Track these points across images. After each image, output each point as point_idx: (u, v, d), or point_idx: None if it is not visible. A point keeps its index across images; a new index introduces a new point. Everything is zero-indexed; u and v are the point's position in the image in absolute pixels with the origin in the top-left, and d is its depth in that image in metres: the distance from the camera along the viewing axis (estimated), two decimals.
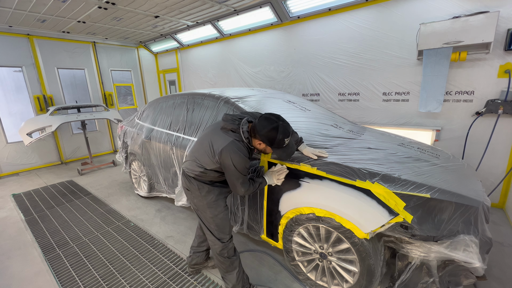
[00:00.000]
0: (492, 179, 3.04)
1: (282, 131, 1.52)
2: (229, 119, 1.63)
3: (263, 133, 1.53)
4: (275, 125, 1.52)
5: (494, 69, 2.84)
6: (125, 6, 3.99)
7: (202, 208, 1.78)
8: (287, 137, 1.54)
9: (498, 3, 2.70)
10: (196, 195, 1.77)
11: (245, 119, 1.64)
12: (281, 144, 1.55)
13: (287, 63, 4.59)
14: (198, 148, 1.73)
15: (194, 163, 1.72)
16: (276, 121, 1.53)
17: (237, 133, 1.60)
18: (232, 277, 1.83)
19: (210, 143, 1.63)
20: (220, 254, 1.80)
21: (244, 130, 1.59)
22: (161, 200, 3.66)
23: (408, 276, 1.55)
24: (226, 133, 1.60)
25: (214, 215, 1.76)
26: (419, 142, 2.42)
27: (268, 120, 1.55)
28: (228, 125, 1.61)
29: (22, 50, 5.07)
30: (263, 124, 1.54)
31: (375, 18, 3.50)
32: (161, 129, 3.06)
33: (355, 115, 3.96)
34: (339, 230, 1.65)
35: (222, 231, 1.79)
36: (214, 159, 1.61)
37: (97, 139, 6.44)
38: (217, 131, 1.65)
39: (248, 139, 1.61)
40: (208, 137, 1.68)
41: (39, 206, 3.64)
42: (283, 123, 1.55)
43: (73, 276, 2.21)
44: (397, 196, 1.48)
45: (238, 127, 1.60)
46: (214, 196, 1.75)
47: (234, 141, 1.56)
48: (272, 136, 1.52)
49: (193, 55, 6.33)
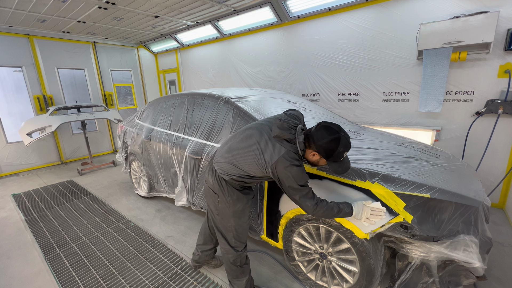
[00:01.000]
0: (492, 179, 3.04)
1: (344, 143, 1.36)
2: (286, 128, 1.44)
3: (321, 143, 1.37)
4: (336, 136, 1.36)
5: (494, 69, 2.84)
6: (125, 6, 3.99)
7: (225, 215, 1.66)
8: (347, 151, 1.40)
9: (498, 3, 2.70)
10: (223, 201, 1.63)
11: (299, 127, 1.49)
12: (338, 158, 1.39)
13: (287, 63, 4.59)
14: (241, 153, 1.54)
15: (235, 167, 1.55)
16: (337, 131, 1.38)
17: (293, 144, 1.44)
18: (240, 283, 1.79)
19: (260, 152, 1.46)
20: (233, 263, 1.74)
21: (301, 141, 1.44)
22: (161, 200, 3.66)
23: (408, 276, 1.55)
24: (280, 143, 1.43)
25: (238, 224, 1.67)
26: (419, 142, 2.42)
27: (329, 130, 1.39)
28: (285, 134, 1.43)
29: (22, 50, 5.07)
30: (322, 133, 1.38)
31: (375, 18, 3.50)
32: (161, 129, 3.06)
33: (355, 115, 3.96)
34: (339, 230, 1.65)
35: (240, 240, 1.72)
36: (265, 170, 1.46)
37: (97, 139, 6.44)
38: (267, 139, 1.47)
39: (303, 151, 1.46)
40: (255, 143, 1.50)
41: (39, 206, 3.63)
42: (345, 135, 1.39)
43: (73, 276, 2.21)
44: (397, 196, 1.48)
45: (295, 137, 1.44)
46: (242, 205, 1.65)
47: (289, 152, 1.40)
48: (332, 148, 1.36)
49: (193, 55, 6.33)
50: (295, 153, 1.43)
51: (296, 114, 1.63)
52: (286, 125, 1.45)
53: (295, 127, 1.48)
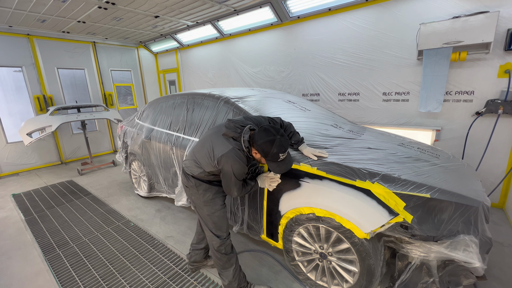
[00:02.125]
0: (492, 179, 3.04)
1: (278, 145, 1.50)
2: (232, 127, 1.62)
3: (259, 143, 1.52)
4: (271, 138, 1.50)
5: (494, 69, 2.84)
6: (125, 6, 3.99)
7: (199, 205, 1.82)
8: (282, 153, 1.52)
9: (498, 3, 2.70)
10: (193, 193, 1.80)
11: (248, 127, 1.63)
12: (275, 158, 1.53)
13: (287, 63, 4.59)
14: (199, 150, 1.74)
15: (194, 163, 1.75)
16: (274, 134, 1.51)
17: (238, 142, 1.60)
18: (228, 274, 1.85)
19: (211, 147, 1.64)
20: (217, 250, 1.82)
21: (245, 139, 1.59)
22: (161, 200, 3.66)
23: (408, 276, 1.55)
24: (227, 140, 1.60)
25: (211, 212, 1.79)
26: (419, 142, 2.42)
27: (267, 132, 1.53)
28: (230, 132, 1.61)
29: (22, 50, 5.07)
30: (261, 135, 1.53)
31: (375, 18, 3.50)
32: (161, 129, 3.06)
33: (355, 115, 3.96)
34: (339, 230, 1.65)
35: (220, 228, 1.82)
36: (213, 163, 1.63)
37: (97, 139, 6.44)
38: (219, 136, 1.64)
39: (248, 148, 1.61)
40: (209, 141, 1.68)
41: (39, 206, 3.63)
42: (281, 138, 1.52)
43: (73, 276, 2.21)
44: (397, 196, 1.48)
45: (240, 135, 1.60)
46: (211, 195, 1.78)
47: (234, 149, 1.57)
48: (267, 149, 1.51)
49: (193, 55, 6.33)
50: (240, 150, 1.59)
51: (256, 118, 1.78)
52: (233, 125, 1.63)
53: (243, 127, 1.63)
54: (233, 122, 1.65)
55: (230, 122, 1.66)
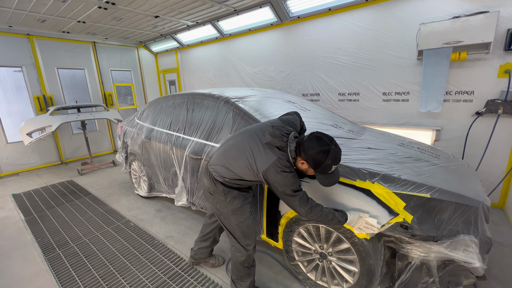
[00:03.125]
0: (492, 179, 3.03)
1: (333, 156, 1.35)
2: (278, 135, 1.45)
3: (311, 153, 1.37)
4: (326, 148, 1.35)
5: (494, 69, 2.84)
6: (125, 6, 3.99)
7: (226, 214, 1.68)
8: (335, 164, 1.38)
9: (498, 3, 2.70)
10: (220, 200, 1.66)
11: (292, 135, 1.48)
12: (326, 170, 1.38)
13: (287, 63, 4.59)
14: (234, 157, 1.57)
15: (228, 171, 1.59)
16: (328, 143, 1.37)
17: (284, 151, 1.44)
18: (244, 284, 1.82)
19: (252, 157, 1.48)
20: (241, 264, 1.75)
21: (292, 149, 1.44)
22: (161, 200, 3.66)
23: (408, 276, 1.55)
24: (271, 150, 1.44)
25: (239, 222, 1.68)
26: (419, 142, 2.42)
27: (320, 141, 1.38)
28: (276, 141, 1.43)
29: (22, 50, 5.07)
30: (313, 144, 1.38)
31: (375, 18, 3.50)
32: (161, 129, 3.06)
33: (355, 115, 3.96)
34: (339, 230, 1.65)
35: (248, 237, 1.72)
36: (257, 175, 1.48)
37: (97, 139, 6.44)
38: (260, 145, 1.48)
39: (294, 160, 1.46)
40: (248, 149, 1.52)
41: (39, 206, 3.63)
42: (335, 148, 1.38)
43: (73, 276, 2.21)
44: (397, 196, 1.48)
45: (286, 144, 1.44)
46: (239, 202, 1.66)
47: (280, 159, 1.41)
48: (320, 159, 1.35)
49: (193, 55, 6.33)
50: (287, 160, 1.44)
51: (292, 120, 1.63)
52: (278, 133, 1.46)
53: (288, 134, 1.48)
54: (279, 130, 1.47)
55: (275, 129, 1.47)
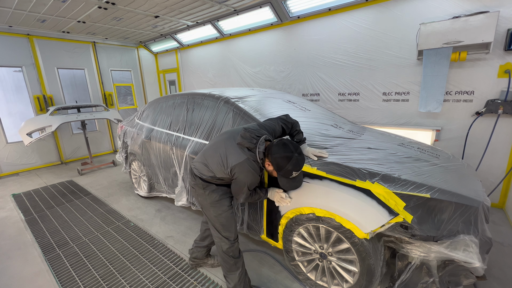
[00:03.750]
0: (492, 179, 3.03)
1: (294, 163, 1.49)
2: (247, 137, 1.58)
3: (275, 157, 1.51)
4: (289, 154, 1.49)
5: (494, 69, 2.84)
6: (125, 6, 3.99)
7: (206, 207, 1.80)
8: (296, 171, 1.52)
9: (498, 3, 2.70)
10: (200, 193, 1.79)
11: (263, 138, 1.60)
12: (288, 175, 1.53)
13: (287, 63, 4.59)
14: (211, 154, 1.70)
15: (205, 167, 1.72)
16: (292, 151, 1.50)
17: (253, 152, 1.58)
18: (234, 277, 1.84)
19: (225, 155, 1.62)
20: (225, 253, 1.81)
21: (260, 151, 1.57)
22: (161, 200, 3.66)
23: (408, 276, 1.55)
24: (242, 150, 1.58)
25: (217, 214, 1.77)
26: (419, 142, 2.42)
27: (285, 147, 1.52)
28: (246, 142, 1.57)
29: (22, 50, 5.06)
30: (278, 149, 1.52)
31: (375, 18, 3.50)
32: (161, 129, 3.06)
33: (355, 115, 3.96)
34: (339, 230, 1.65)
35: (228, 229, 1.80)
36: (226, 170, 1.62)
37: (97, 139, 6.44)
38: (233, 145, 1.62)
39: (262, 160, 1.59)
40: (223, 147, 1.65)
41: (39, 206, 3.63)
42: (298, 156, 1.51)
43: (73, 276, 2.21)
44: (397, 196, 1.48)
45: (255, 146, 1.57)
46: (217, 196, 1.76)
47: (248, 159, 1.55)
48: (282, 164, 1.49)
49: (193, 55, 6.33)
50: (254, 161, 1.58)
51: (270, 125, 1.75)
52: (249, 135, 1.59)
53: (259, 137, 1.60)
54: (249, 132, 1.61)
55: (246, 131, 1.61)
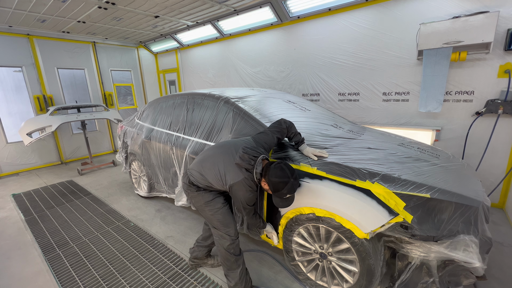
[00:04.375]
0: (492, 179, 3.03)
1: (289, 188, 1.56)
2: (246, 159, 1.63)
3: (272, 180, 1.57)
4: (285, 180, 1.55)
5: (494, 69, 2.84)
6: (125, 6, 3.99)
7: (201, 207, 1.84)
8: (290, 194, 1.60)
9: (498, 3, 2.70)
10: (194, 195, 1.84)
11: (261, 158, 1.65)
12: (281, 196, 1.61)
13: (287, 63, 4.59)
14: (209, 167, 1.74)
15: (202, 177, 1.77)
16: (289, 176, 1.56)
17: (250, 173, 1.64)
18: (235, 275, 1.85)
19: (223, 171, 1.67)
20: (227, 250, 1.82)
21: (257, 171, 1.62)
22: (161, 200, 3.66)
23: (408, 276, 1.55)
24: (240, 170, 1.64)
25: (213, 212, 1.81)
26: (419, 142, 2.42)
27: (283, 171, 1.57)
28: (244, 164, 1.63)
29: (22, 50, 5.07)
30: (276, 173, 1.57)
31: (375, 18, 3.50)
32: (161, 129, 3.06)
33: (355, 115, 3.96)
34: (339, 230, 1.65)
35: (226, 225, 1.83)
36: (224, 186, 1.69)
37: (97, 139, 6.44)
38: (231, 163, 1.66)
39: (259, 180, 1.65)
40: (222, 163, 1.70)
41: (39, 206, 3.63)
42: (294, 181, 1.57)
43: (73, 276, 2.21)
44: (397, 196, 1.48)
45: (253, 167, 1.63)
46: (211, 195, 1.82)
47: (246, 179, 1.62)
48: (279, 188, 1.56)
49: (193, 55, 6.33)
50: (252, 180, 1.64)
51: (266, 140, 1.81)
52: (247, 157, 1.64)
53: (256, 157, 1.65)
54: (247, 154, 1.65)
55: (245, 153, 1.65)
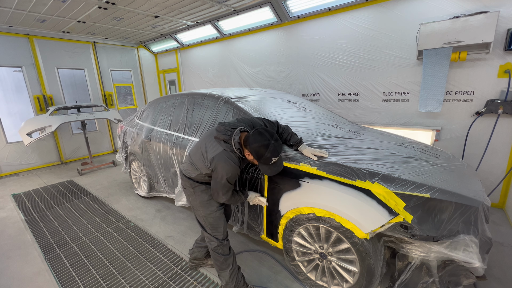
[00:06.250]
0: (492, 179, 3.03)
1: (272, 150, 1.53)
2: (222, 130, 1.66)
3: (253, 146, 1.55)
4: (266, 142, 1.52)
5: (494, 69, 2.84)
6: (125, 6, 3.99)
7: (196, 206, 1.86)
8: (275, 157, 1.56)
9: (498, 3, 2.70)
10: (190, 193, 1.85)
11: (238, 129, 1.66)
12: (267, 162, 1.57)
13: (287, 63, 4.59)
14: (195, 152, 1.79)
15: (191, 165, 1.79)
16: (268, 138, 1.53)
17: (229, 144, 1.64)
18: (225, 274, 1.88)
19: (205, 149, 1.69)
20: (214, 250, 1.86)
21: (235, 141, 1.62)
22: (161, 200, 3.66)
23: (408, 276, 1.55)
24: (219, 143, 1.65)
25: (206, 214, 1.83)
26: (419, 142, 2.42)
27: (261, 135, 1.55)
28: (220, 135, 1.65)
29: (22, 50, 5.06)
30: (255, 138, 1.55)
31: (375, 18, 3.50)
32: (161, 129, 3.06)
33: (355, 115, 3.96)
34: (339, 230, 1.65)
35: (216, 229, 1.85)
36: (206, 164, 1.68)
37: (97, 139, 6.44)
38: (211, 139, 1.69)
39: (239, 150, 1.63)
40: (203, 143, 1.74)
41: (39, 206, 3.63)
42: (275, 143, 1.54)
43: (73, 276, 2.21)
44: (397, 196, 1.48)
45: (230, 137, 1.63)
46: (207, 196, 1.81)
47: (225, 151, 1.62)
48: (261, 152, 1.53)
49: (193, 55, 6.33)
50: (231, 152, 1.63)
51: (250, 120, 1.81)
52: (223, 128, 1.67)
53: (234, 129, 1.66)
54: (224, 125, 1.70)
55: (220, 125, 1.71)
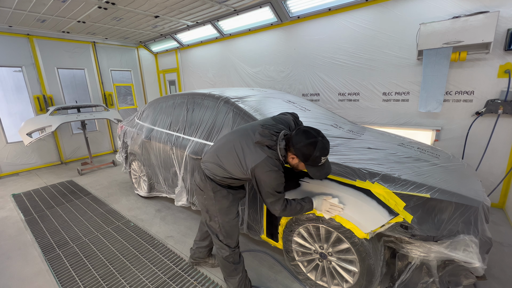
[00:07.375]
0: (492, 179, 3.03)
1: (321, 147, 1.37)
2: (267, 134, 1.48)
3: (299, 147, 1.40)
4: (313, 140, 1.38)
5: (494, 69, 2.84)
6: (125, 6, 3.99)
7: (212, 212, 1.70)
8: (324, 156, 1.40)
9: (498, 3, 2.70)
10: (209, 197, 1.67)
11: (282, 133, 1.50)
12: (316, 162, 1.40)
13: (287, 63, 4.59)
14: (225, 155, 1.59)
15: (219, 168, 1.61)
16: (315, 136, 1.40)
17: (273, 150, 1.47)
18: (234, 281, 1.82)
19: (242, 155, 1.51)
20: (225, 259, 1.76)
21: (281, 147, 1.46)
22: (161, 200, 3.66)
23: (408, 276, 1.55)
24: (261, 148, 1.46)
25: (224, 221, 1.70)
26: (419, 142, 2.42)
27: (307, 134, 1.41)
28: (266, 140, 1.46)
29: (22, 50, 5.06)
30: (300, 137, 1.41)
31: (375, 18, 3.50)
32: (161, 129, 3.06)
33: (355, 115, 3.96)
34: (339, 230, 1.65)
35: (230, 237, 1.74)
36: (245, 172, 1.51)
37: (97, 139, 6.44)
38: (250, 144, 1.50)
39: (284, 157, 1.48)
40: (238, 147, 1.54)
41: (39, 206, 3.63)
42: (323, 139, 1.40)
43: (73, 276, 2.21)
44: (397, 196, 1.48)
45: (276, 143, 1.47)
46: (227, 202, 1.67)
47: (269, 158, 1.44)
48: (308, 152, 1.38)
49: (193, 55, 6.33)
50: (276, 159, 1.47)
51: (284, 119, 1.67)
52: (268, 132, 1.49)
53: (278, 133, 1.51)
54: (267, 129, 1.50)
55: (264, 129, 1.50)
